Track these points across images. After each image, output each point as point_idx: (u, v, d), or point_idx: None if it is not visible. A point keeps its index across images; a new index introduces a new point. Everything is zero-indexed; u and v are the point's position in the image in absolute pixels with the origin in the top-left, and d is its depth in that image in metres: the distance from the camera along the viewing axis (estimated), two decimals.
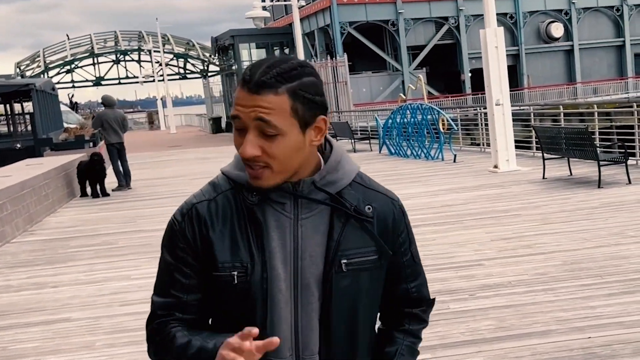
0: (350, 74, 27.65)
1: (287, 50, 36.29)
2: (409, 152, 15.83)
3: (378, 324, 1.61)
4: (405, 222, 1.55)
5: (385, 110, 21.44)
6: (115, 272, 6.76)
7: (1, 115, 25.28)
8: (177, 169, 18.03)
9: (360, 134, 20.90)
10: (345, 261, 1.43)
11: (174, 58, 51.25)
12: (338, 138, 19.14)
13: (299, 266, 1.42)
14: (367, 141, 18.97)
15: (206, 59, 49.26)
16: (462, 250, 6.53)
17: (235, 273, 1.40)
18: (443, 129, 15.19)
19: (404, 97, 22.46)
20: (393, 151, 16.56)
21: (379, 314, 1.60)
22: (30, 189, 10.28)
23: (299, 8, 24.93)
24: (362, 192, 1.48)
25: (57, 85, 48.13)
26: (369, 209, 1.47)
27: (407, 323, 1.60)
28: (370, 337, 1.54)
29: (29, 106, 21.88)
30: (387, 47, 38.11)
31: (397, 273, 1.55)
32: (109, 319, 5.31)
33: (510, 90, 14.23)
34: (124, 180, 13.73)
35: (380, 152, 17.40)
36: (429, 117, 15.48)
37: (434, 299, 1.63)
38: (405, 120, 16.34)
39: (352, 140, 18.47)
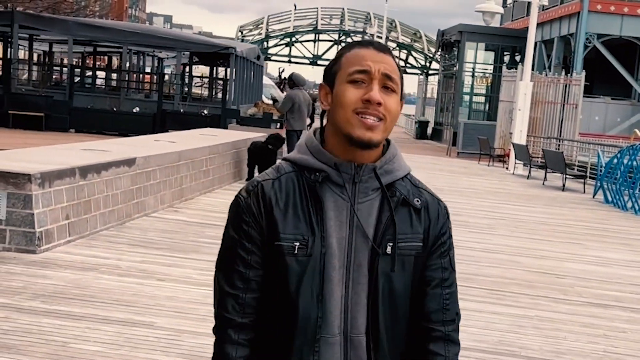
0: (584, 96, 25.49)
1: (517, 57, 34.52)
2: (629, 205, 14.01)
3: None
4: (449, 225, 1.76)
5: (614, 147, 19.35)
6: None
7: (204, 77, 26.56)
8: None
9: (577, 169, 19.09)
10: (391, 244, 1.64)
11: (397, 48, 51.06)
12: (549, 170, 17.56)
13: (352, 247, 1.64)
14: (582, 180, 17.19)
15: (430, 55, 48.63)
16: None
17: (297, 244, 1.61)
18: None
19: None
20: (610, 199, 14.79)
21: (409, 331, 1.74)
22: (189, 160, 10.30)
23: (541, 9, 23.15)
24: (412, 187, 1.73)
25: (274, 58, 50.34)
26: (417, 201, 1.71)
27: (446, 350, 1.72)
28: (407, 336, 1.72)
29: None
30: (637, 72, 34.89)
31: (433, 274, 1.72)
32: (193, 337, 4.88)
33: None
34: None
35: (594, 196, 15.61)
36: None
37: (459, 314, 1.77)
38: (635, 163, 14.52)
39: (564, 176, 16.72)
